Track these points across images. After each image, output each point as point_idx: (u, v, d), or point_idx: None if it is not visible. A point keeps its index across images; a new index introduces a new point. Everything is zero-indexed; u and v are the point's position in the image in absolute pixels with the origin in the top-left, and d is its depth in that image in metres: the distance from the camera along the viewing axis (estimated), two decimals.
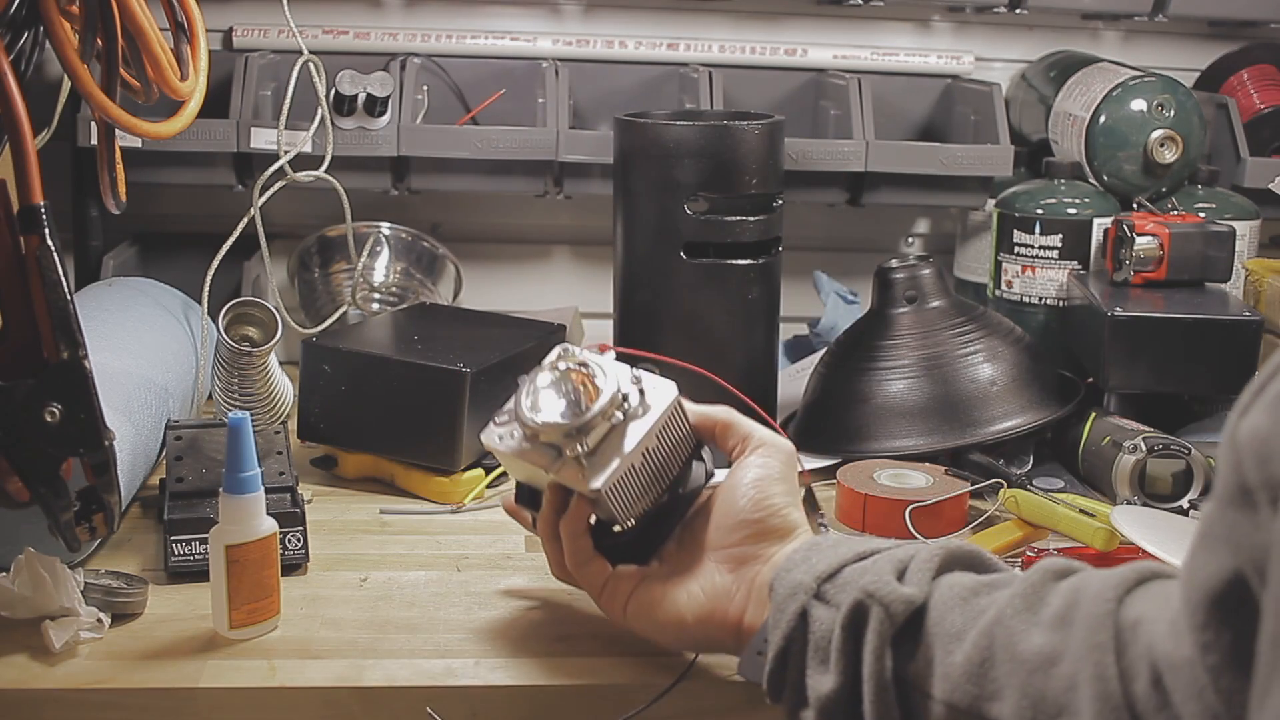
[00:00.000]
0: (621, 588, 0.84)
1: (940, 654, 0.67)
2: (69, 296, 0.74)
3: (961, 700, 0.65)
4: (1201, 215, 1.36)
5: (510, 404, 0.85)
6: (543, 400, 0.83)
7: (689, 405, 0.87)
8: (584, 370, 0.83)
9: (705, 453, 0.89)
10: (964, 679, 0.65)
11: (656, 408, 0.83)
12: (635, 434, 0.82)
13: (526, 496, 0.92)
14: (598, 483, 0.81)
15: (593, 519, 0.85)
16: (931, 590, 0.70)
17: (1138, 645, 0.59)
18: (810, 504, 1.06)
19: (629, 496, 0.84)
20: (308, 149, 1.35)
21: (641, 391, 0.83)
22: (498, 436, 0.85)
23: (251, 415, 0.87)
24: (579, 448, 0.81)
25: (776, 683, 0.74)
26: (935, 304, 1.25)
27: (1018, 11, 1.56)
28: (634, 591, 0.84)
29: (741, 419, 0.87)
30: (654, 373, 0.87)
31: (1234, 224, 1.30)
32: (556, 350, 0.86)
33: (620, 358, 0.87)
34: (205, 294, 1.25)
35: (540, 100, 1.49)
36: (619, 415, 0.82)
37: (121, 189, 0.93)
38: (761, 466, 0.83)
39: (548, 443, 0.82)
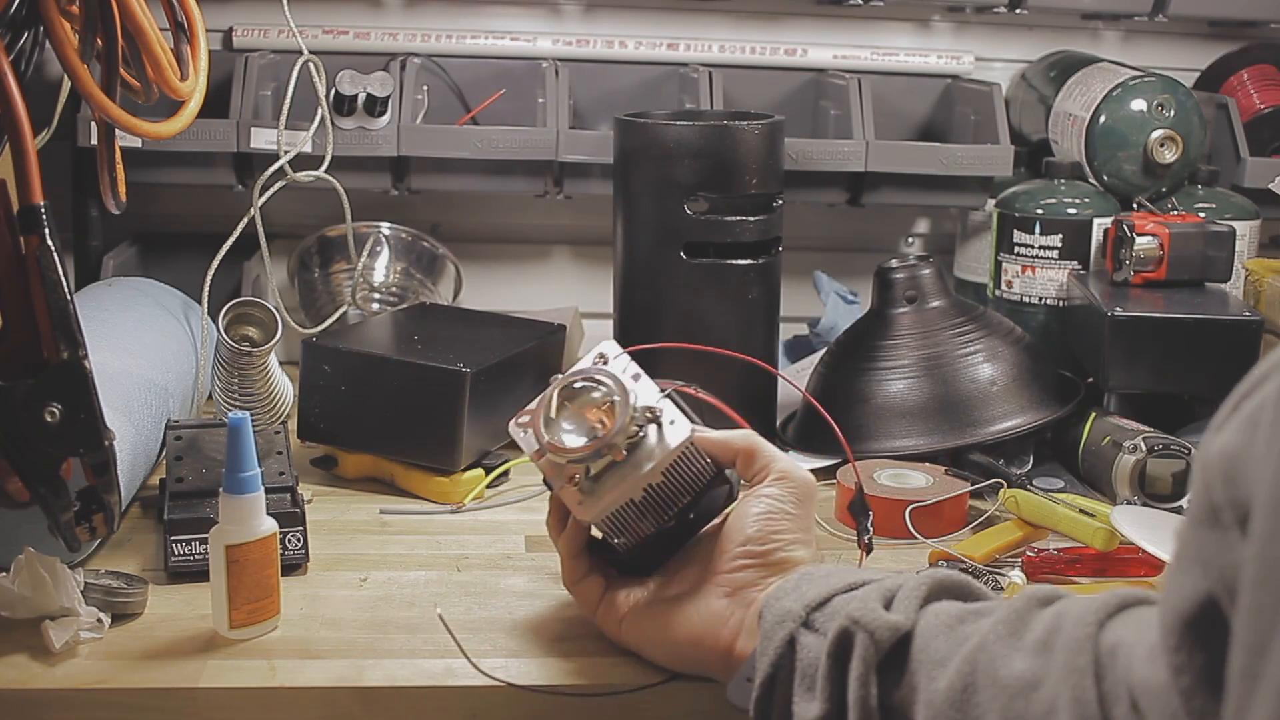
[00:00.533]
0: (617, 603, 0.85)
1: (924, 681, 0.67)
2: (69, 296, 0.74)
3: None
4: (1201, 215, 1.36)
5: (536, 402, 0.85)
6: (557, 419, 0.83)
7: (711, 433, 0.85)
8: (603, 391, 0.83)
9: (733, 474, 0.87)
10: (947, 705, 0.65)
11: (668, 444, 0.82)
12: (640, 469, 0.81)
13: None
14: (589, 515, 0.82)
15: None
16: (918, 618, 0.70)
17: (1116, 670, 0.59)
18: (860, 507, 1.01)
19: (624, 525, 0.84)
20: (308, 149, 1.35)
21: (659, 425, 0.82)
22: (521, 432, 0.85)
23: (251, 415, 0.87)
24: (580, 475, 0.81)
25: (764, 710, 0.73)
26: (935, 304, 1.25)
27: (1018, 11, 1.56)
28: (631, 607, 0.84)
29: (764, 447, 0.85)
30: (693, 390, 0.86)
31: (1234, 224, 1.30)
32: (594, 354, 0.85)
33: (648, 362, 0.86)
34: (205, 294, 1.25)
35: (540, 100, 1.49)
36: (626, 450, 0.81)
37: (121, 189, 0.93)
38: (773, 498, 0.82)
39: (555, 461, 0.83)
